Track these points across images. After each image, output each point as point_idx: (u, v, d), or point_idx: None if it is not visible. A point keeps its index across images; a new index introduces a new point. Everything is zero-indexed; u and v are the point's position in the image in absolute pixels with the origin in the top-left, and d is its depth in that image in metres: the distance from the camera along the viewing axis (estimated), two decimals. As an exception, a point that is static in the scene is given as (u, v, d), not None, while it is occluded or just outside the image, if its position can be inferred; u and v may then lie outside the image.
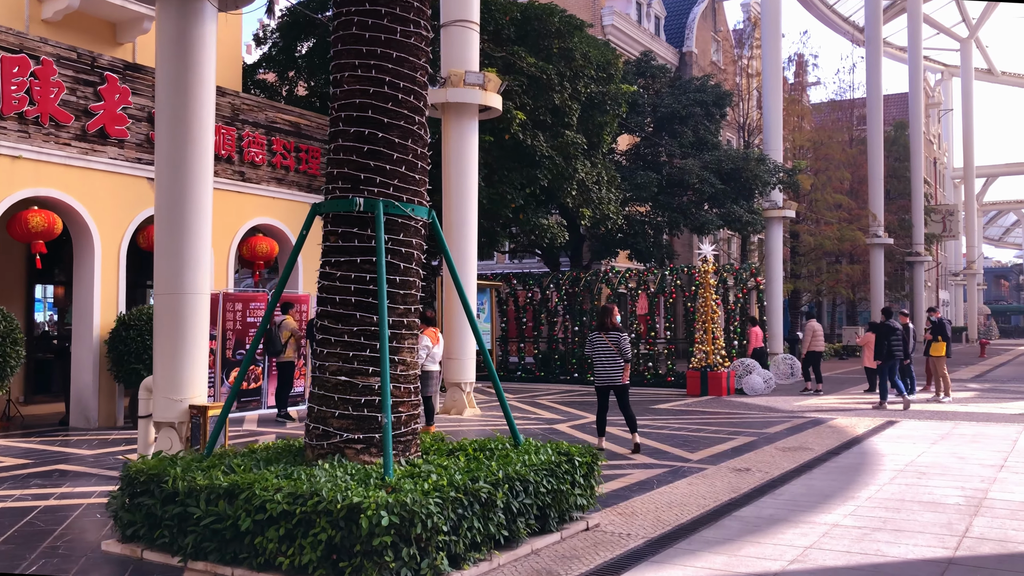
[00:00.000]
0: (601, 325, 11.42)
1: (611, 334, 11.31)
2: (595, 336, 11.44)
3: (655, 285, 22.27)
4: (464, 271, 15.21)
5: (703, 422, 14.31)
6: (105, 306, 13.50)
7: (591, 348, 11.43)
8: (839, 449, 11.30)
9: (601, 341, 11.34)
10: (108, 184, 13.56)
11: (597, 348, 11.33)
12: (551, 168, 18.62)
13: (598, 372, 11.34)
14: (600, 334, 11.37)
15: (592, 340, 11.45)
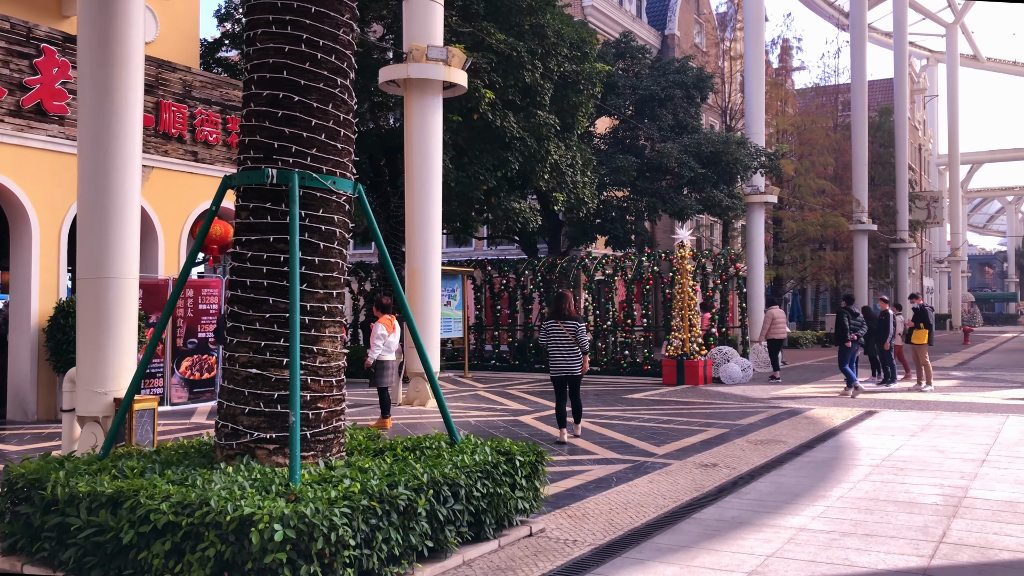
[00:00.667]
0: (557, 312, 10.87)
1: (568, 322, 10.76)
2: (551, 324, 10.88)
3: (632, 271, 21.68)
4: (427, 256, 14.56)
5: (675, 412, 13.73)
6: (44, 293, 12.78)
7: (546, 337, 10.88)
8: (814, 442, 10.74)
9: (558, 330, 10.77)
10: (46, 163, 12.81)
11: (553, 337, 10.79)
12: (522, 150, 17.96)
13: (555, 362, 10.81)
14: (556, 322, 10.80)
15: (548, 329, 10.89)
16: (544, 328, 11.04)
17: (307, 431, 5.73)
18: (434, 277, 14.63)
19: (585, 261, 22.39)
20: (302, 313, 5.75)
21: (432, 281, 14.56)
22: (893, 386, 18.40)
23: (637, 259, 21.90)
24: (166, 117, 14.42)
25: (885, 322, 18.72)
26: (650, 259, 21.80)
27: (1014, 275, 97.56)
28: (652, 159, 25.72)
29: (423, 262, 14.54)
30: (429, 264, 14.57)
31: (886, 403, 15.19)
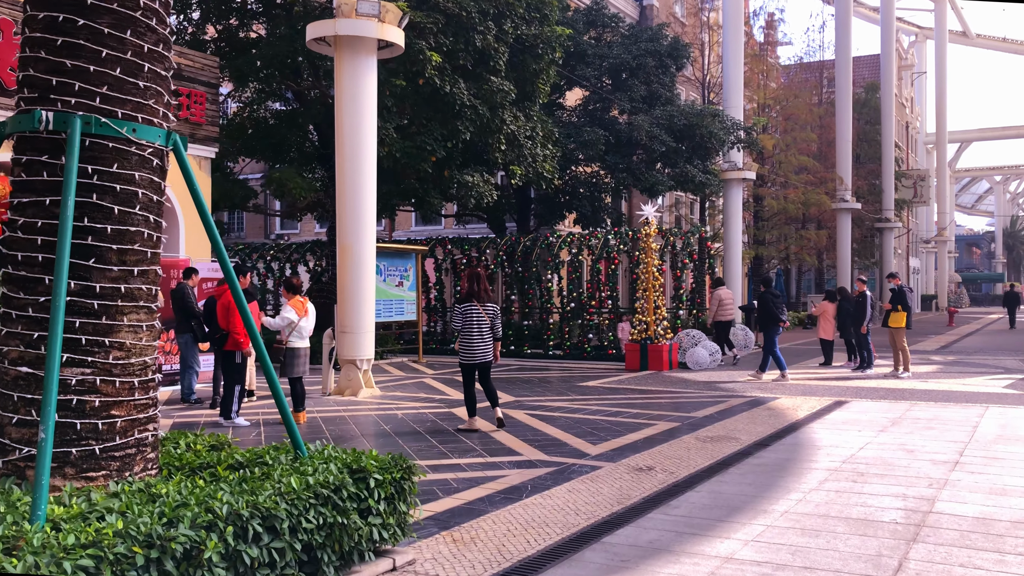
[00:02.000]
0: (473, 294, 9.81)
1: (488, 305, 9.76)
2: (468, 307, 9.84)
3: (598, 250, 20.49)
4: (359, 231, 13.32)
5: (627, 403, 12.59)
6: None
7: (463, 320, 9.86)
8: (770, 439, 9.60)
9: (476, 313, 9.73)
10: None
11: (471, 321, 9.77)
12: (474, 119, 16.68)
13: (471, 349, 9.85)
14: (474, 304, 9.70)
15: (465, 312, 9.87)
16: (461, 311, 9.95)
17: (97, 445, 4.52)
18: (367, 254, 13.40)
19: (550, 239, 21.18)
20: (90, 296, 4.55)
21: (365, 259, 13.33)
22: (869, 372, 17.33)
23: (603, 237, 20.71)
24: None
25: (862, 304, 17.65)
26: (616, 237, 20.60)
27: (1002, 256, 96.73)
28: (623, 132, 24.46)
29: (355, 237, 13.30)
30: (362, 239, 13.34)
31: (858, 391, 14.09)
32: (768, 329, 15.93)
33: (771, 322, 15.86)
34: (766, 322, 15.97)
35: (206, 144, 15.30)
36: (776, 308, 15.88)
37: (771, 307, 15.85)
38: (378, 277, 17.94)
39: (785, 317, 16.27)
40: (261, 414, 11.51)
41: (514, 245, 21.80)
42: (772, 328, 15.85)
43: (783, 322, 16.03)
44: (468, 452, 8.80)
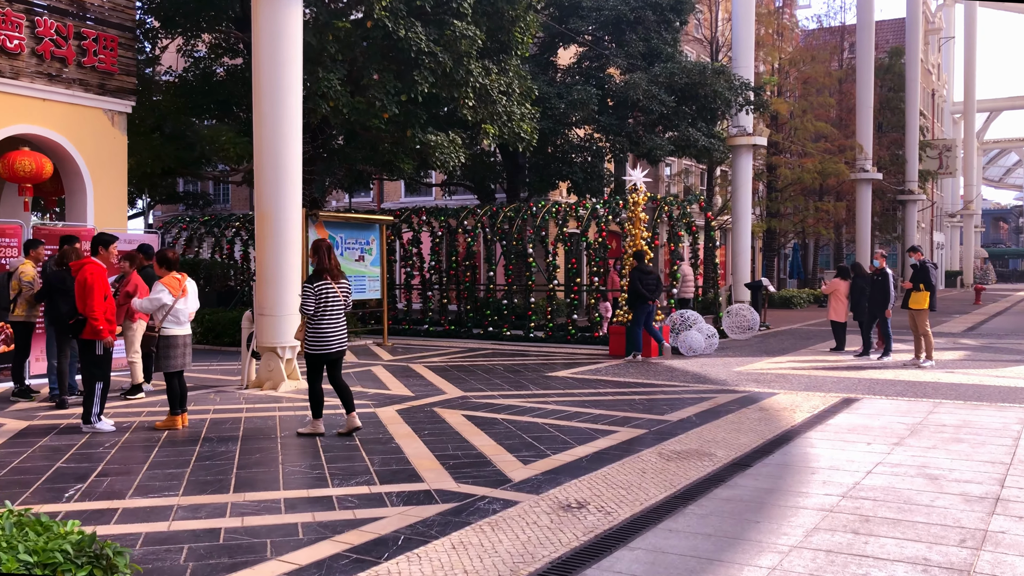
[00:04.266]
0: (325, 269, 8.21)
1: (343, 283, 8.35)
2: (323, 285, 8.14)
3: (584, 220, 18.36)
4: (280, 195, 11.29)
5: (593, 400, 10.54)
6: None
7: (315, 302, 8.08)
8: (752, 456, 7.53)
9: (331, 292, 8.12)
10: None
11: (326, 302, 8.12)
12: (433, 68, 14.53)
13: (325, 336, 8.16)
14: (327, 282, 8.19)
15: (319, 290, 8.12)
16: (314, 291, 8.11)
17: None
18: (290, 223, 11.35)
19: (533, 209, 19.06)
20: None
21: (287, 229, 11.29)
22: (873, 358, 15.20)
23: (591, 206, 18.57)
24: (-63, 14, 11.09)
25: (883, 283, 15.37)
26: (605, 206, 18.45)
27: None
28: (618, 92, 22.23)
29: (274, 203, 11.27)
30: (283, 206, 11.30)
31: (872, 386, 11.96)
32: (635, 309, 14.91)
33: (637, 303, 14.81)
34: (635, 303, 14.87)
35: (119, 96, 13.27)
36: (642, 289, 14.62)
37: (636, 288, 14.66)
38: (335, 251, 15.94)
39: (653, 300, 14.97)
40: (146, 413, 9.55)
41: (495, 215, 19.70)
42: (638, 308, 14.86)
43: (649, 301, 14.77)
44: (355, 476, 6.80)
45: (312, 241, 8.75)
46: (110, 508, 5.90)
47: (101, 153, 13.07)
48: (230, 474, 6.85)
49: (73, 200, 13.05)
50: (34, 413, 9.56)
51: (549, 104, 21.09)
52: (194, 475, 6.82)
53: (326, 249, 8.37)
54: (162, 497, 6.18)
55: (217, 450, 7.74)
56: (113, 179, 13.28)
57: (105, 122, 13.14)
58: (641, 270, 14.86)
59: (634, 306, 14.92)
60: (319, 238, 8.83)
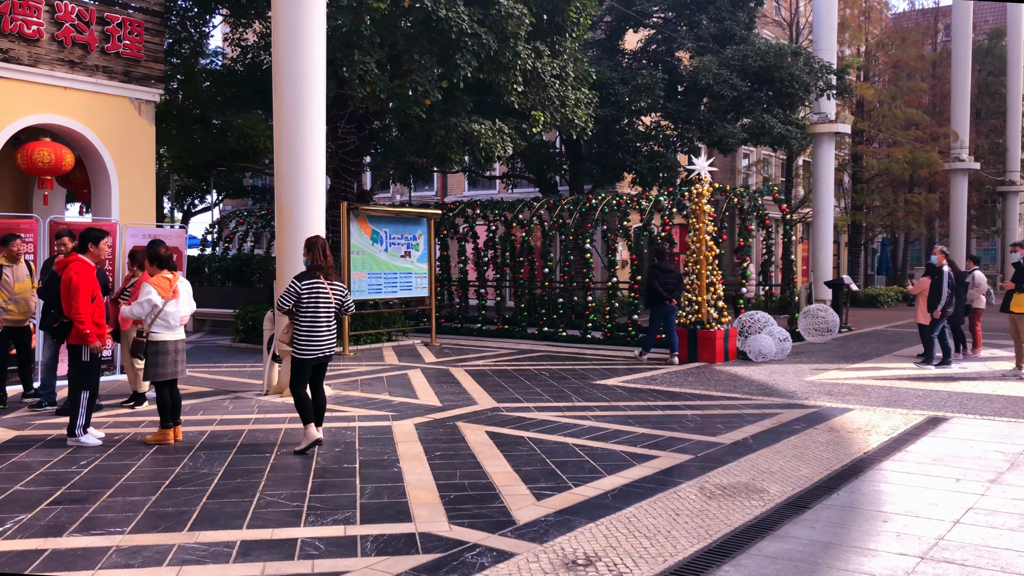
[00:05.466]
0: (318, 267, 7.60)
1: (336, 284, 7.69)
2: (313, 283, 7.55)
3: (646, 215, 17.11)
4: (301, 187, 10.42)
5: (639, 415, 9.38)
6: None
7: (305, 301, 7.51)
8: (812, 495, 6.29)
9: (322, 292, 7.57)
10: None
11: (317, 302, 7.54)
12: (477, 51, 13.50)
13: (314, 339, 7.54)
14: (319, 280, 7.56)
15: (309, 290, 7.53)
16: (303, 290, 7.52)
17: None
18: (311, 217, 10.47)
19: (592, 202, 17.89)
20: None
21: (307, 223, 10.41)
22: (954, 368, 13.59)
23: (654, 199, 17.31)
24: (-52, -2, 10.57)
25: (938, 282, 13.64)
26: (670, 198, 17.17)
27: None
28: (687, 76, 20.85)
29: (295, 195, 10.42)
30: (304, 198, 10.44)
31: (964, 401, 10.48)
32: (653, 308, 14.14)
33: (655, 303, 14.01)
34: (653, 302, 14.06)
35: (145, 84, 12.64)
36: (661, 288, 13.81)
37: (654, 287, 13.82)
38: (378, 246, 15.19)
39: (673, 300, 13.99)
40: (146, 423, 8.80)
41: (552, 208, 18.62)
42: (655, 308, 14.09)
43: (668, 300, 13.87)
44: (336, 510, 5.84)
45: (309, 237, 7.86)
46: (37, 549, 5.06)
47: (127, 144, 12.46)
48: (196, 504, 5.97)
49: (98, 193, 12.48)
50: (30, 421, 8.91)
51: (612, 90, 19.88)
52: (157, 504, 5.97)
53: (321, 246, 7.68)
54: (105, 535, 5.32)
55: (198, 471, 6.88)
56: (140, 171, 12.66)
57: (131, 111, 12.52)
58: (660, 268, 13.99)
59: (650, 305, 14.13)
60: (315, 235, 7.98)
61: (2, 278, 9.17)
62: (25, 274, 9.31)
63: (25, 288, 9.26)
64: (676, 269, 14.58)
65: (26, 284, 9.40)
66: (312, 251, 7.63)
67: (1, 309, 9.20)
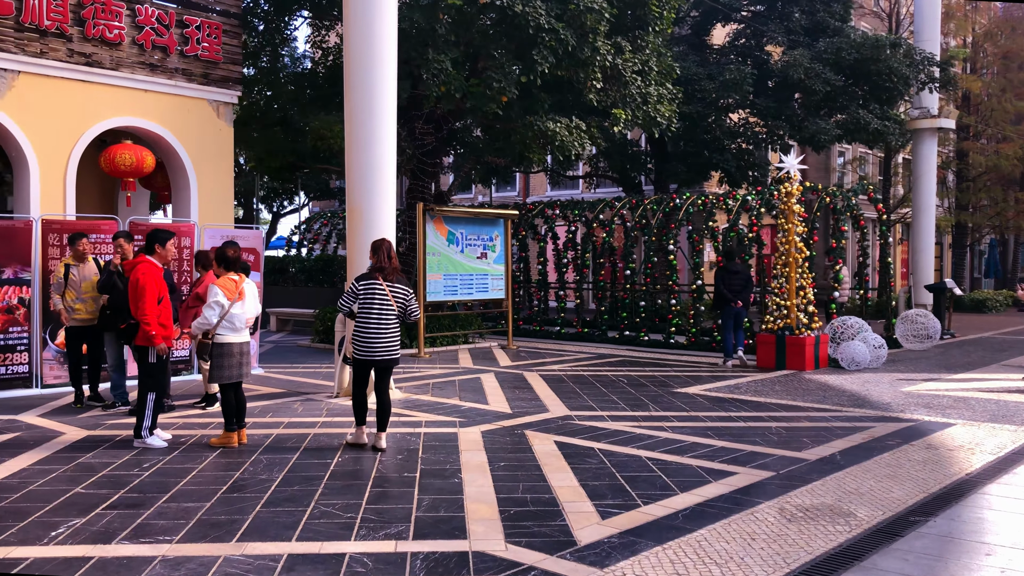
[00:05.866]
0: (379, 268, 7.58)
1: (397, 286, 7.55)
2: (370, 284, 7.53)
3: (733, 215, 16.48)
4: (371, 187, 10.27)
5: (719, 427, 8.88)
6: None
7: (358, 302, 7.54)
8: (904, 521, 5.74)
9: (380, 293, 7.48)
10: None
11: (372, 303, 7.49)
12: (554, 47, 13.15)
13: (367, 340, 7.48)
14: (378, 281, 7.50)
15: (366, 290, 7.52)
16: (359, 290, 7.54)
17: None
18: (382, 218, 10.31)
19: (675, 201, 17.34)
20: None
21: (378, 224, 10.26)
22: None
23: (741, 197, 16.67)
24: (35, 4, 10.79)
25: None
26: (757, 197, 16.51)
27: None
28: (777, 71, 20.06)
29: (366, 196, 10.28)
30: (375, 199, 10.28)
31: (1080, 418, 9.61)
32: (722, 311, 13.96)
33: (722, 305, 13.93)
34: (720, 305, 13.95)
35: (223, 86, 12.73)
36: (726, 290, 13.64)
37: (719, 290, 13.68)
38: (454, 247, 15.00)
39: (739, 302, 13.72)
40: (214, 425, 8.76)
41: (635, 208, 18.13)
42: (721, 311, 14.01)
43: (734, 302, 13.69)
44: (390, 523, 5.59)
45: (375, 240, 7.74)
46: (83, 557, 4.95)
47: (205, 145, 12.57)
48: (250, 513, 5.80)
49: (178, 195, 12.62)
50: (103, 420, 8.98)
51: (698, 86, 19.27)
52: (211, 511, 5.82)
53: (385, 248, 7.66)
54: (153, 543, 5.19)
55: (257, 477, 6.74)
56: (218, 172, 12.76)
57: (209, 113, 12.63)
58: (727, 269, 13.82)
59: (718, 308, 14.09)
60: (381, 238, 7.82)
61: (69, 277, 9.29)
62: (93, 272, 9.40)
63: (93, 287, 9.35)
64: (745, 270, 14.32)
65: (94, 283, 9.49)
66: (377, 253, 7.65)
67: (69, 309, 9.32)
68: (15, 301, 10.31)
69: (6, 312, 10.19)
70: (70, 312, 9.35)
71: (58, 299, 9.42)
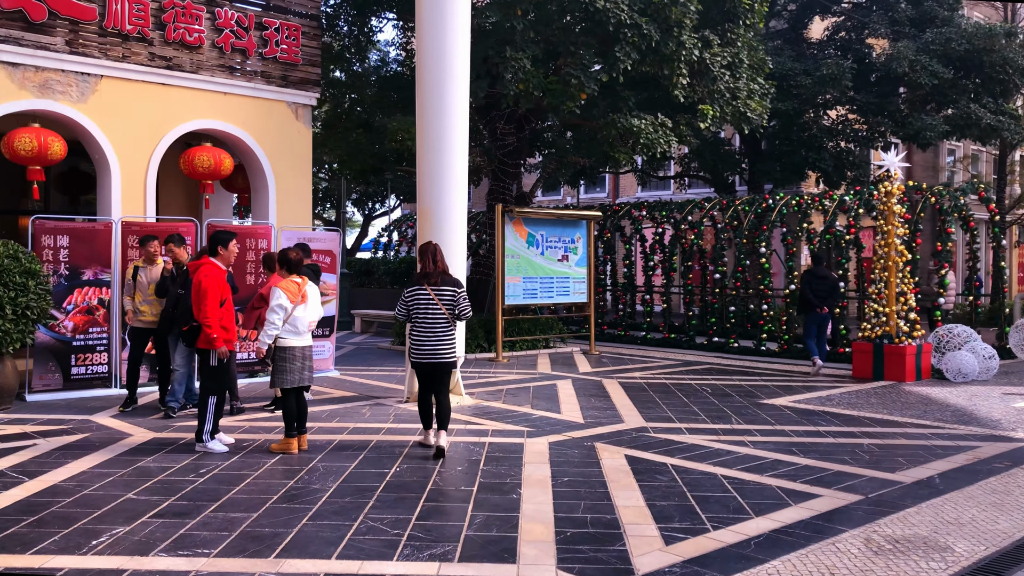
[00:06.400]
0: (425, 275, 7.67)
1: (443, 289, 7.58)
2: (415, 291, 7.62)
3: (829, 216, 15.63)
4: (441, 189, 10.02)
5: (806, 443, 8.26)
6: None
7: (406, 308, 7.67)
8: (1010, 559, 5.09)
9: (425, 299, 7.54)
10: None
11: (418, 309, 7.59)
12: (636, 42, 12.65)
13: (420, 344, 7.54)
14: (424, 287, 7.58)
15: (411, 296, 7.64)
16: (410, 295, 7.63)
17: None
18: (452, 220, 10.05)
19: (770, 201, 16.59)
20: None
21: (448, 226, 10.00)
22: None
23: (839, 198, 15.81)
24: (116, 9, 10.94)
25: None
26: (856, 197, 15.62)
27: None
28: (880, 65, 19.02)
29: (435, 198, 10.03)
30: (445, 200, 10.03)
31: None
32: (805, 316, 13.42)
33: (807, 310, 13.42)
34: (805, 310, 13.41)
35: (302, 88, 12.71)
36: (812, 295, 13.14)
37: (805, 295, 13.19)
38: (534, 249, 14.66)
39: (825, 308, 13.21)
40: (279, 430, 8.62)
41: (726, 209, 17.43)
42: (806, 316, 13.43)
43: (819, 308, 13.15)
44: (438, 542, 5.26)
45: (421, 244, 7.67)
46: (117, 569, 4.79)
47: (284, 148, 12.57)
48: (295, 525, 5.57)
49: (257, 197, 12.66)
50: (172, 423, 8.96)
51: (794, 81, 18.44)
52: (256, 523, 5.62)
53: (431, 253, 7.76)
54: (191, 556, 5.00)
55: (310, 486, 6.52)
56: (297, 175, 12.74)
57: (288, 115, 12.62)
58: (814, 273, 13.29)
59: (803, 313, 13.54)
60: (427, 241, 7.69)
61: (137, 279, 9.32)
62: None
63: None
64: (832, 276, 13.64)
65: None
66: (423, 258, 7.76)
67: (136, 311, 9.36)
68: (95, 302, 10.46)
69: (86, 313, 10.33)
70: (136, 314, 9.38)
71: (127, 300, 9.49)
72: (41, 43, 10.39)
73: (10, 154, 10.26)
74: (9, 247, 9.38)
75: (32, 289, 9.32)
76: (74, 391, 10.35)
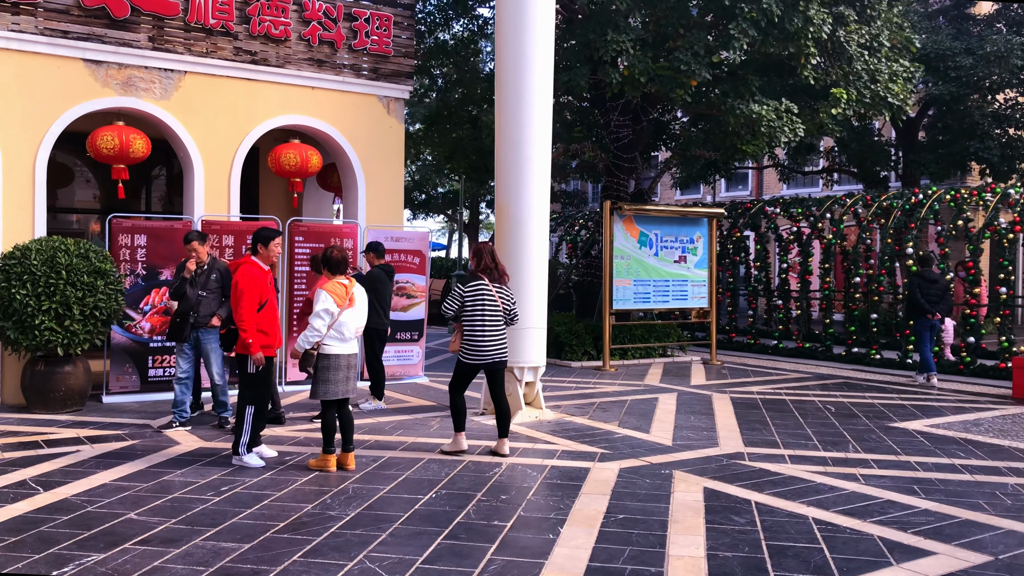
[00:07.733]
0: (486, 270, 7.43)
1: (502, 288, 7.50)
2: (476, 286, 7.38)
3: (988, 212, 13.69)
4: (520, 186, 9.17)
5: (928, 480, 6.85)
6: (11, 239, 9.84)
7: (461, 303, 7.37)
8: None
9: (486, 295, 7.35)
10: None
11: (479, 305, 7.34)
12: (754, 20, 11.33)
13: (480, 344, 7.33)
14: (484, 283, 7.40)
15: (473, 292, 7.36)
16: (465, 293, 7.38)
17: None
18: (531, 217, 9.14)
19: (920, 196, 14.76)
20: None
21: (526, 224, 9.11)
22: None
23: (1001, 192, 13.84)
24: (201, 2, 10.70)
25: None
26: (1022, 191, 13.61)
27: None
28: (1056, 39, 16.69)
29: (514, 195, 9.17)
30: (523, 198, 9.15)
31: None
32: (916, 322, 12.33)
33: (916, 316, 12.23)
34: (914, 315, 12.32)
35: (394, 81, 12.15)
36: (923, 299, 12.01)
37: (916, 298, 12.04)
38: (647, 250, 13.59)
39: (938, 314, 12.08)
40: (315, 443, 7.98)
41: (869, 205, 15.67)
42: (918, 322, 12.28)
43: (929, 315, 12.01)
44: None
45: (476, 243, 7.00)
46: (55, 609, 4.20)
47: (374, 144, 12.05)
48: (283, 562, 4.85)
49: (347, 195, 12.20)
50: (224, 433, 8.49)
51: (952, 62, 16.43)
52: (242, 556, 4.94)
53: (488, 252, 7.57)
54: (146, 596, 4.36)
55: (326, 513, 5.80)
56: (388, 171, 12.19)
57: (379, 110, 12.09)
58: (923, 277, 12.17)
59: (912, 319, 12.53)
60: (482, 241, 7.01)
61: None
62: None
63: None
64: (942, 279, 12.25)
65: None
66: (479, 257, 7.52)
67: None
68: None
69: (163, 314, 10.10)
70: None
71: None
72: (124, 40, 10.27)
73: (94, 152, 10.18)
74: (80, 246, 9.24)
75: (101, 289, 9.11)
76: (151, 393, 10.14)
